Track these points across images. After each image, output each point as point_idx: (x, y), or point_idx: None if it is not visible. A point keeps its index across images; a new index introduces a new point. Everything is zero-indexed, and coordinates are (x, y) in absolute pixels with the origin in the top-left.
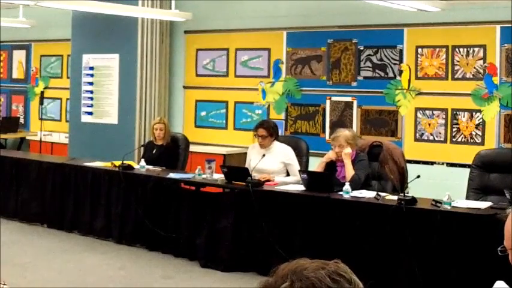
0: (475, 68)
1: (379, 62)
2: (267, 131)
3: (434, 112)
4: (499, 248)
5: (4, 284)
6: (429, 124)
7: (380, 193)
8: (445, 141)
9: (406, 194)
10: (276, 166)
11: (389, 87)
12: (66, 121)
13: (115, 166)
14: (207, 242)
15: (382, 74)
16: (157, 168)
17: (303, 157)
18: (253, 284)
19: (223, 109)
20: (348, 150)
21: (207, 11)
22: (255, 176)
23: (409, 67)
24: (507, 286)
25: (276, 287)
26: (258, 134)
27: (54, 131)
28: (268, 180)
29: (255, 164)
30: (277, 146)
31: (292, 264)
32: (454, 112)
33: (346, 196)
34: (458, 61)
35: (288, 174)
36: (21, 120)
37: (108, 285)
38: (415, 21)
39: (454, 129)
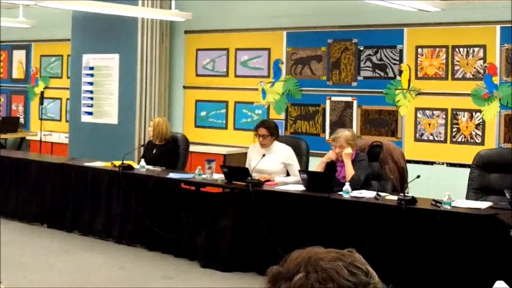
0: (475, 68)
1: (379, 62)
2: (268, 130)
3: (434, 112)
4: (511, 230)
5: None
6: (429, 124)
7: (380, 193)
8: (445, 141)
9: (406, 194)
10: (276, 166)
11: (390, 87)
12: (66, 121)
13: (115, 166)
14: (207, 242)
15: (382, 74)
16: (157, 168)
17: (303, 157)
18: (253, 284)
19: (223, 109)
20: (349, 150)
21: (207, 11)
22: (255, 176)
23: (409, 67)
24: (507, 286)
25: (288, 277)
26: (258, 134)
27: (54, 131)
28: (268, 180)
29: (255, 164)
30: (277, 146)
31: (306, 253)
32: (454, 112)
33: (346, 196)
34: (458, 61)
35: (288, 175)
36: (21, 120)
37: (108, 285)
38: (415, 21)
39: (454, 129)
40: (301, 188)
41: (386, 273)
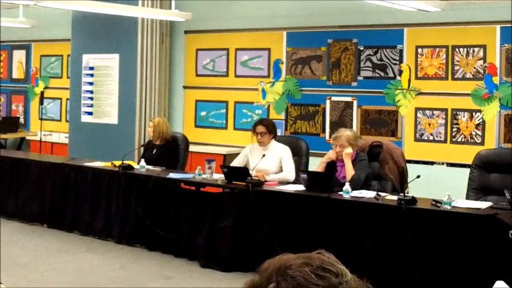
0: (475, 68)
1: (379, 62)
2: (266, 128)
3: (434, 112)
4: (510, 231)
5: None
6: (429, 124)
7: (380, 193)
8: (445, 141)
9: (406, 194)
10: (274, 165)
11: (390, 87)
12: (66, 121)
13: (115, 166)
14: (207, 242)
15: (382, 74)
16: (157, 168)
17: (303, 157)
18: None
19: (223, 109)
20: (349, 150)
21: (207, 11)
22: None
23: (409, 67)
24: (507, 286)
25: None
26: (256, 132)
27: (54, 131)
28: (266, 180)
29: (255, 164)
30: (275, 145)
31: (275, 262)
32: (454, 112)
33: (346, 196)
34: (458, 61)
35: None
36: (21, 120)
37: (108, 285)
38: (415, 21)
39: (454, 129)
40: (301, 188)
41: (386, 273)
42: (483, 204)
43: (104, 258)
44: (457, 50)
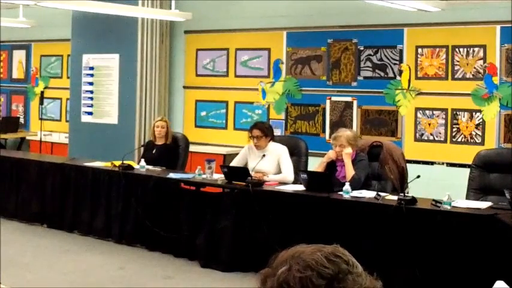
0: (475, 68)
1: (379, 62)
2: (262, 131)
3: (434, 112)
4: None
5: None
6: (429, 124)
7: (380, 193)
8: (445, 141)
9: (406, 194)
10: (273, 167)
11: (390, 87)
12: (66, 121)
13: (115, 166)
14: (207, 242)
15: (382, 74)
16: (157, 168)
17: (302, 157)
18: (253, 284)
19: (223, 109)
20: (349, 150)
21: (207, 11)
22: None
23: (409, 67)
24: (507, 286)
25: (274, 273)
26: (253, 135)
27: (54, 131)
28: (266, 181)
29: (254, 165)
30: (273, 146)
31: (290, 251)
32: (454, 112)
33: (346, 196)
34: (458, 61)
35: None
36: (21, 120)
37: (108, 285)
38: (415, 21)
39: (454, 129)
40: (301, 188)
41: (386, 273)
42: (483, 204)
43: (104, 258)
44: (457, 50)
